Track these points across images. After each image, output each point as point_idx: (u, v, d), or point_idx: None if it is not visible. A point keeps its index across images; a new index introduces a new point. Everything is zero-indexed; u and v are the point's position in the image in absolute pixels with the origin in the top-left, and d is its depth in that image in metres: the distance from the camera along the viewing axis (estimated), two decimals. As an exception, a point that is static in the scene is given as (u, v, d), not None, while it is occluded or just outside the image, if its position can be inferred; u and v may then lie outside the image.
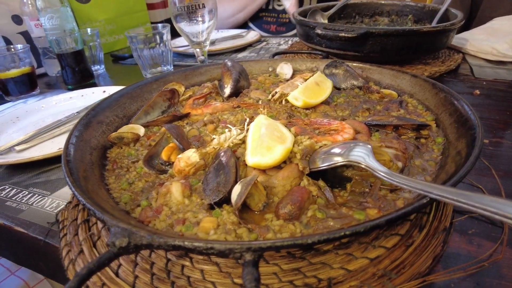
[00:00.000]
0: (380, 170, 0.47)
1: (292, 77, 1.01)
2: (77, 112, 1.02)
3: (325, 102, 0.82)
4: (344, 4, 1.42)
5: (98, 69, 1.48)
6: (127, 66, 1.57)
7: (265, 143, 0.56)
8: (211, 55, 1.52)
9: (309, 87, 0.80)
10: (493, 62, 1.21)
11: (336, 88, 0.91)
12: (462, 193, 0.38)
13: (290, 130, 0.64)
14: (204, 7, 1.09)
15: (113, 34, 1.79)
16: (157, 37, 1.26)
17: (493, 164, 0.69)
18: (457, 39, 1.32)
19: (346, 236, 0.37)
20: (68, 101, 1.14)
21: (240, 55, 1.50)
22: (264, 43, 1.66)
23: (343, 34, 0.98)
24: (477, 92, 0.99)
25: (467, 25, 1.74)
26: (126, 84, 1.34)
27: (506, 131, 0.79)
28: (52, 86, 1.41)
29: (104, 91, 1.16)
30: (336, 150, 0.55)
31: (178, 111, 0.87)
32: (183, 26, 1.12)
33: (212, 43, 1.62)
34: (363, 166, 0.49)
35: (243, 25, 2.12)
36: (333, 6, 1.42)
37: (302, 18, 1.17)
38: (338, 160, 0.52)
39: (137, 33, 1.24)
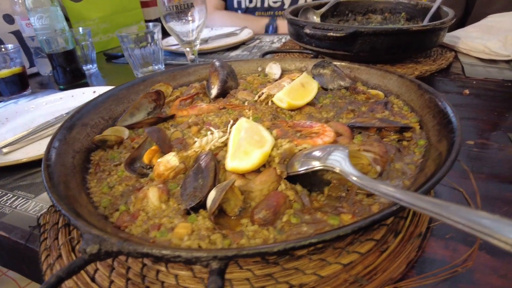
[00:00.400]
0: (353, 175, 0.46)
1: (280, 77, 1.00)
2: (66, 113, 1.02)
3: (311, 103, 0.82)
4: (336, 1, 1.41)
5: (91, 68, 1.48)
6: (120, 65, 1.57)
7: (243, 147, 0.56)
8: (204, 53, 1.51)
9: (295, 88, 0.80)
10: (485, 60, 1.20)
11: (324, 89, 0.91)
12: (433, 202, 0.37)
13: (271, 133, 0.64)
14: (193, 7, 1.08)
15: (107, 32, 1.79)
16: (148, 36, 1.26)
17: (477, 166, 0.68)
18: (450, 37, 1.31)
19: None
20: (58, 102, 1.14)
21: (233, 53, 1.49)
22: (258, 41, 1.65)
23: (331, 34, 0.97)
24: (467, 91, 0.98)
25: (463, 22, 1.73)
26: (118, 84, 1.34)
27: (492, 132, 0.79)
28: (44, 86, 1.42)
29: (94, 92, 1.15)
30: (314, 154, 0.55)
31: (164, 113, 0.87)
32: (172, 25, 1.12)
33: (205, 41, 1.62)
34: (337, 171, 0.49)
35: None
36: (325, 3, 1.41)
37: (292, 17, 1.16)
38: (315, 165, 0.52)
39: (127, 33, 1.23)
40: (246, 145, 0.55)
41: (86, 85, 1.34)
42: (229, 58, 1.44)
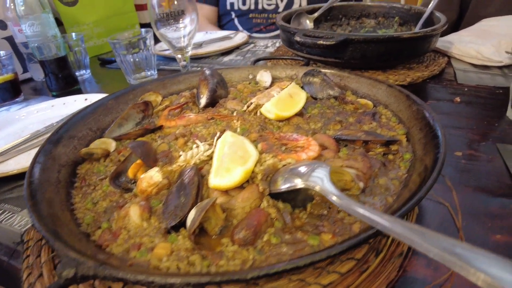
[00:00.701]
0: (334, 194, 0.46)
1: (271, 85, 1.00)
2: (56, 122, 1.02)
3: (299, 114, 0.81)
4: (330, 6, 1.41)
5: (84, 74, 1.48)
6: (114, 70, 1.56)
7: (225, 164, 0.56)
8: (197, 58, 1.51)
9: (282, 99, 0.79)
10: (478, 66, 1.19)
11: (313, 98, 0.90)
12: (409, 228, 0.37)
13: (256, 147, 0.64)
14: (184, 14, 1.08)
15: (101, 36, 1.78)
16: (140, 42, 1.26)
17: (465, 178, 0.68)
18: (443, 42, 1.30)
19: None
20: (50, 110, 1.14)
21: (226, 58, 1.49)
22: (252, 45, 1.65)
23: (321, 42, 0.97)
24: (458, 99, 0.97)
25: (457, 25, 1.72)
26: (111, 90, 1.34)
27: (481, 143, 0.78)
28: (38, 92, 1.42)
29: (86, 99, 1.15)
30: (297, 171, 0.54)
31: (153, 123, 0.87)
32: (163, 32, 1.12)
33: (199, 45, 1.61)
34: (317, 189, 0.48)
35: (232, 27, 2.10)
36: (319, 8, 1.41)
37: (284, 24, 1.15)
38: (297, 184, 0.52)
39: (119, 39, 1.23)
40: (228, 162, 0.55)
41: (79, 91, 1.34)
42: (222, 63, 1.43)
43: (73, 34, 1.44)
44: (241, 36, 1.69)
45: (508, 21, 1.35)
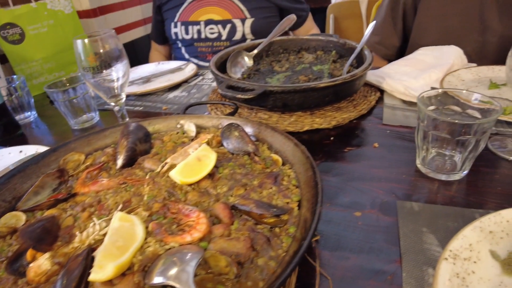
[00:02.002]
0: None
1: (197, 136, 1.02)
2: (-17, 182, 1.02)
3: (211, 174, 0.83)
4: (269, 41, 1.43)
5: (29, 116, 1.48)
6: (61, 109, 1.57)
7: (100, 257, 0.58)
8: (142, 95, 1.52)
9: (189, 164, 0.81)
10: (406, 102, 1.22)
11: (230, 153, 0.92)
12: None
13: (147, 227, 0.66)
14: (112, 67, 1.09)
15: (52, 72, 1.79)
16: (78, 89, 1.27)
17: (358, 245, 0.71)
18: (377, 75, 1.33)
19: None
20: (-18, 164, 1.14)
21: (171, 95, 1.50)
22: (200, 77, 1.66)
23: (240, 96, 0.99)
24: (376, 145, 1.00)
25: (403, 50, 1.75)
26: (57, 133, 1.36)
27: (384, 199, 0.81)
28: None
29: (21, 151, 1.16)
30: (170, 262, 0.57)
31: (71, 187, 0.88)
32: (94, 84, 1.13)
33: (148, 80, 1.62)
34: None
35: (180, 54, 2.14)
36: (258, 44, 1.43)
37: (214, 70, 1.17)
38: (163, 281, 0.54)
39: (55, 89, 1.24)
40: (101, 257, 0.57)
41: (22, 136, 1.35)
42: (167, 101, 1.45)
43: (14, 76, 1.44)
44: (190, 68, 1.70)
45: (440, 52, 1.38)
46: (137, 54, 2.62)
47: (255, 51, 1.40)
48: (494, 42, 1.52)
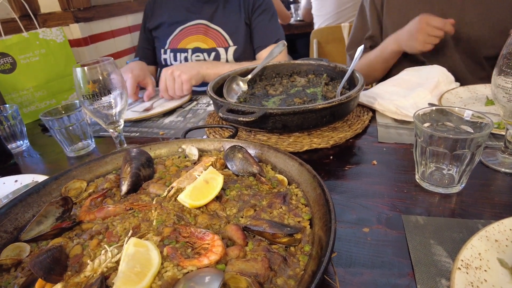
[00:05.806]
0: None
1: (199, 159, 1.03)
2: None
3: (218, 197, 0.84)
4: (262, 67, 1.48)
5: (21, 145, 1.45)
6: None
7: (119, 283, 0.57)
8: (138, 121, 1.52)
9: (197, 187, 0.82)
10: (398, 121, 1.27)
11: (235, 175, 0.93)
12: None
13: (162, 252, 0.65)
14: (111, 93, 1.10)
15: (43, 100, 1.77)
16: (73, 117, 1.26)
17: (372, 260, 0.72)
18: (367, 97, 1.38)
19: None
20: (-25, 195, 1.11)
21: (167, 120, 1.51)
22: (194, 103, 1.69)
23: (241, 119, 1.01)
24: (375, 162, 1.04)
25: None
26: (51, 161, 1.33)
27: (389, 215, 0.83)
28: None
29: (16, 181, 1.13)
30: (189, 285, 0.56)
31: (74, 215, 0.86)
32: (92, 111, 1.13)
33: (148, 109, 1.62)
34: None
35: None
36: (252, 69, 1.47)
37: (212, 95, 1.20)
38: (186, 304, 0.53)
39: (50, 117, 1.23)
40: (120, 285, 0.56)
41: (14, 166, 1.32)
42: (163, 126, 1.45)
43: (7, 106, 1.42)
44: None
45: (424, 71, 1.46)
46: (125, 81, 2.64)
47: (249, 76, 1.44)
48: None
